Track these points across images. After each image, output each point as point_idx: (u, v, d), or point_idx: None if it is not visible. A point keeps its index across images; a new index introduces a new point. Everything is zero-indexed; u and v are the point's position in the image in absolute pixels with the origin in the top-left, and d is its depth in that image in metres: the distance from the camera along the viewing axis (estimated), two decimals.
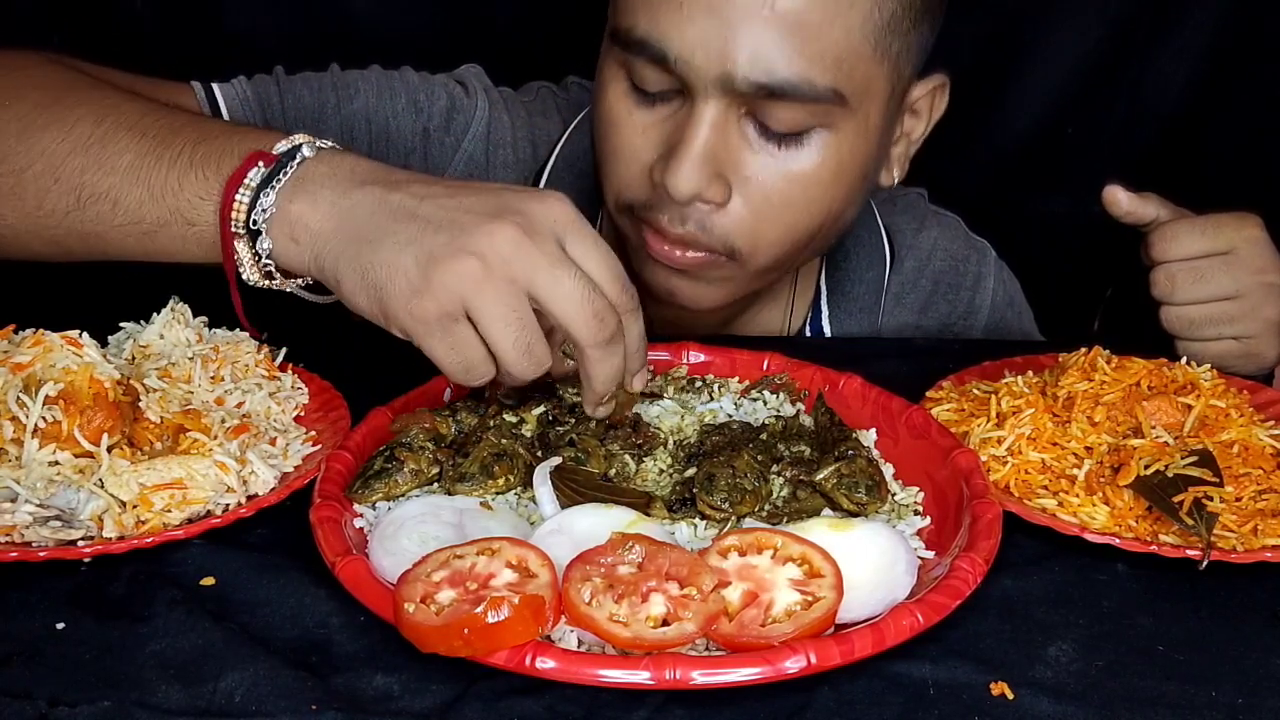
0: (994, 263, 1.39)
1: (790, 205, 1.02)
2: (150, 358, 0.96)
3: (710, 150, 0.98)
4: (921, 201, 1.39)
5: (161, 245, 0.89)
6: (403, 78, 1.24)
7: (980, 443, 0.94)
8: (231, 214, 0.84)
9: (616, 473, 0.89)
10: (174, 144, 0.88)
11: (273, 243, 0.84)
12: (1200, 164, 1.70)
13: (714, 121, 0.97)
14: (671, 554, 0.73)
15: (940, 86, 1.12)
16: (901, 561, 0.76)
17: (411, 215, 0.81)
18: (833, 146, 1.00)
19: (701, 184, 0.98)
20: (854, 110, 0.99)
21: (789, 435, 0.93)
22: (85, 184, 0.88)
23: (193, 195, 0.86)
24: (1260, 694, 0.70)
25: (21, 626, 0.72)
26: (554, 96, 1.31)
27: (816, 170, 1.00)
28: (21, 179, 0.90)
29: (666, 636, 0.68)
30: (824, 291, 1.30)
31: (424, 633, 0.67)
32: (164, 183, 0.87)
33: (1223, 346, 1.11)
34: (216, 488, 0.83)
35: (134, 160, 0.88)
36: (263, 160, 0.85)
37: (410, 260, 0.79)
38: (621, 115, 1.03)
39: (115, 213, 0.88)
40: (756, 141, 0.99)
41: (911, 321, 1.35)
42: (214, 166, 0.86)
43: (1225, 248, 1.09)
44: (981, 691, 0.69)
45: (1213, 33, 1.65)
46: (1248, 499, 0.87)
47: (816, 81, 0.95)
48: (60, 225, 0.90)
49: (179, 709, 0.65)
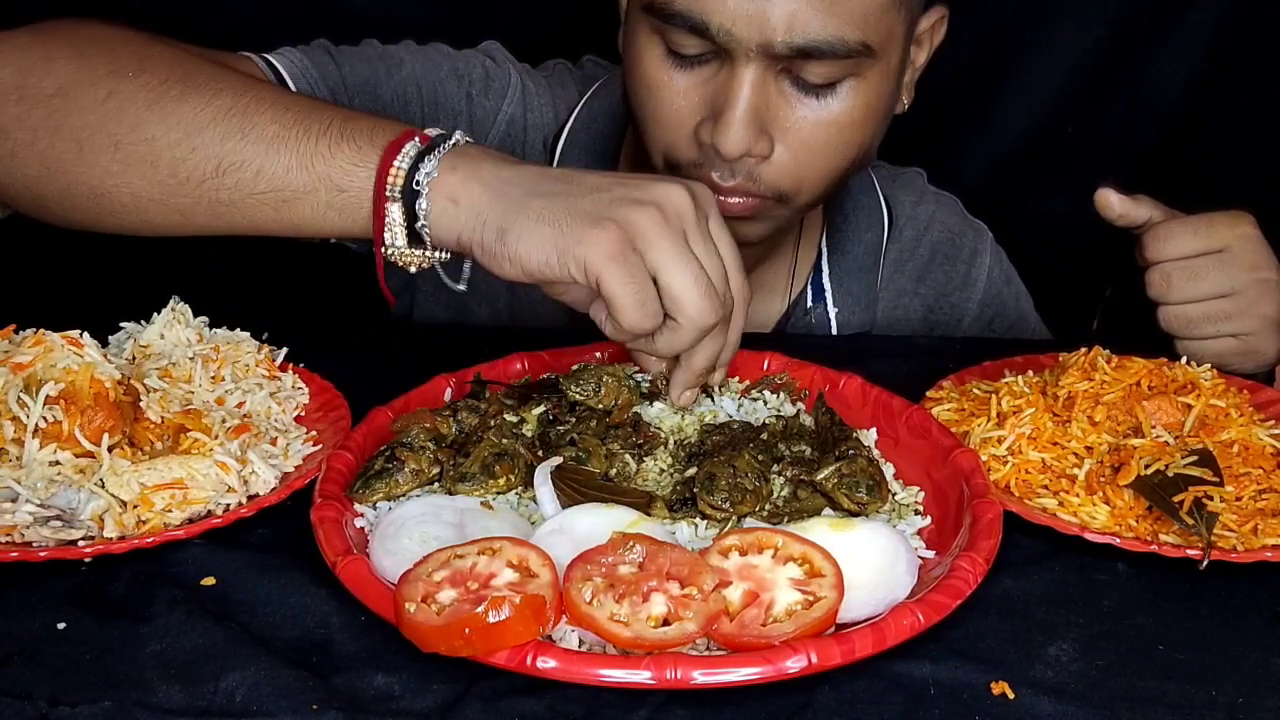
0: (991, 242, 1.43)
1: (829, 148, 1.09)
2: (151, 358, 0.96)
3: (754, 109, 1.04)
4: (920, 179, 1.44)
5: (300, 214, 0.90)
6: (437, 50, 1.29)
7: (980, 442, 0.94)
8: (389, 179, 0.87)
9: (617, 472, 0.89)
10: (320, 118, 0.90)
11: (430, 204, 0.86)
12: (1200, 164, 1.71)
13: (755, 82, 1.03)
14: (672, 554, 0.73)
15: (941, 18, 1.18)
16: (902, 561, 0.76)
17: (577, 179, 0.87)
18: (862, 92, 1.06)
19: (750, 142, 1.04)
20: (880, 57, 1.05)
21: (789, 435, 0.93)
22: (227, 152, 0.89)
23: (345, 162, 0.88)
24: (1260, 694, 0.70)
25: (22, 626, 0.72)
26: (569, 71, 1.36)
27: (849, 114, 1.07)
28: (154, 146, 0.90)
29: (667, 636, 0.68)
30: (824, 252, 1.34)
31: (425, 632, 0.67)
32: (314, 150, 0.88)
33: (1221, 344, 1.11)
34: (217, 487, 0.83)
35: (280, 131, 0.89)
36: (419, 138, 0.88)
37: (589, 204, 0.84)
38: (661, 80, 1.08)
39: (257, 180, 0.89)
40: (794, 96, 1.05)
41: (909, 288, 1.39)
42: (367, 138, 0.89)
43: (1219, 246, 1.10)
44: (982, 691, 0.69)
45: (1213, 33, 1.65)
46: (1248, 498, 0.87)
47: (848, 38, 1.01)
48: (193, 194, 0.91)
49: (179, 709, 0.65)
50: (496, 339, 1.10)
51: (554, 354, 1.06)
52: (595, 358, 1.06)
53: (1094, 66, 1.68)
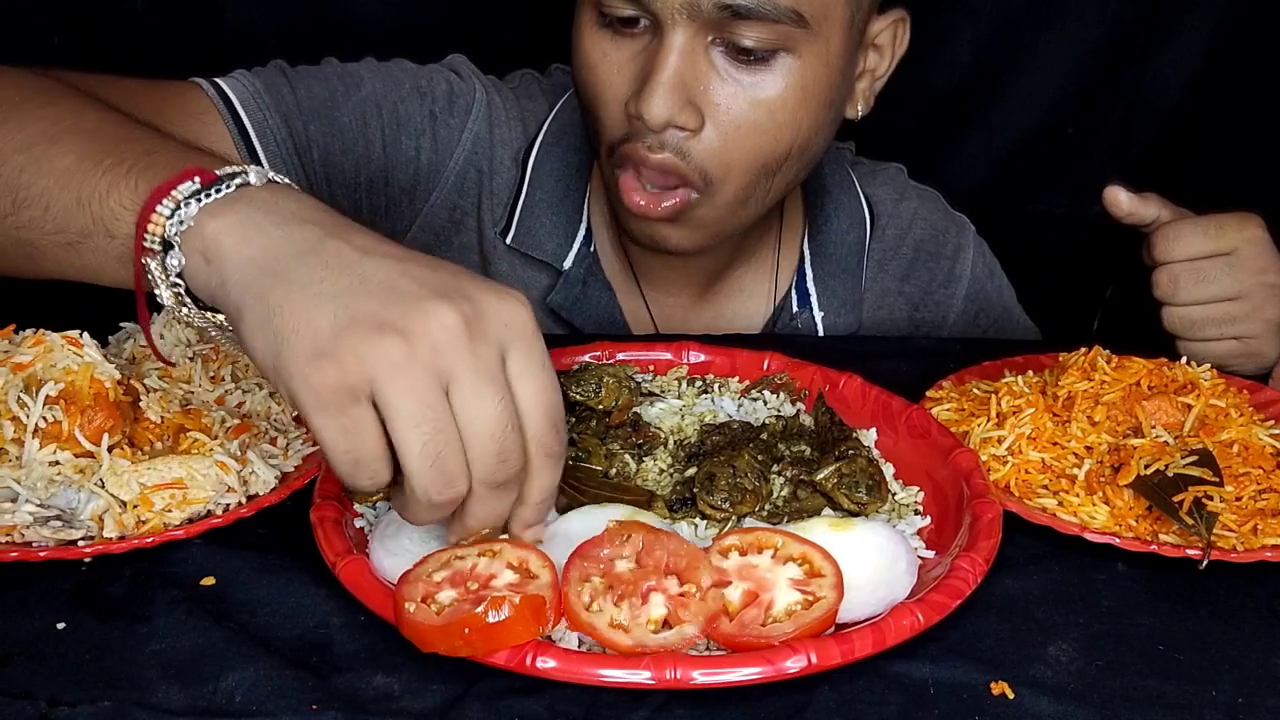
0: (973, 236, 1.42)
1: (759, 129, 1.06)
2: (150, 357, 0.96)
3: (680, 77, 1.03)
4: (901, 175, 1.43)
5: (86, 261, 0.78)
6: (400, 66, 1.26)
7: (980, 442, 0.94)
8: (149, 225, 0.72)
9: (617, 472, 0.89)
10: (120, 151, 0.78)
11: (185, 259, 0.71)
12: (1200, 164, 1.71)
13: (682, 49, 1.02)
14: (669, 544, 0.73)
15: (900, 20, 1.16)
16: (902, 561, 0.76)
17: (346, 268, 0.67)
18: (796, 72, 1.05)
19: (674, 109, 1.03)
20: (815, 33, 1.04)
21: (789, 435, 0.93)
22: (21, 185, 0.80)
23: (117, 204, 0.75)
24: (1260, 694, 0.70)
25: (21, 626, 0.72)
26: (538, 82, 1.34)
27: (782, 95, 1.05)
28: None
29: (668, 642, 0.68)
30: (808, 256, 1.33)
31: (424, 632, 0.67)
32: (93, 189, 0.76)
33: (1224, 347, 1.11)
34: (217, 487, 0.83)
35: (74, 163, 0.78)
36: (200, 176, 0.73)
37: (326, 316, 0.65)
38: (597, 56, 1.07)
39: (46, 218, 0.79)
40: (725, 69, 1.04)
41: (894, 287, 1.38)
42: (149, 177, 0.75)
43: (1227, 248, 1.09)
44: (982, 691, 0.69)
45: (1213, 33, 1.65)
46: (1248, 498, 0.87)
47: (779, 2, 1.00)
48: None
49: (179, 709, 0.65)
50: None
51: (554, 354, 1.06)
52: (595, 358, 1.06)
53: (1094, 66, 1.69)
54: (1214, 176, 1.69)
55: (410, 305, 0.65)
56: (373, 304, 0.66)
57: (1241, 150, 1.70)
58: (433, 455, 0.65)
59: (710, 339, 1.11)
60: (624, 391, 0.93)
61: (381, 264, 0.68)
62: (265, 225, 0.70)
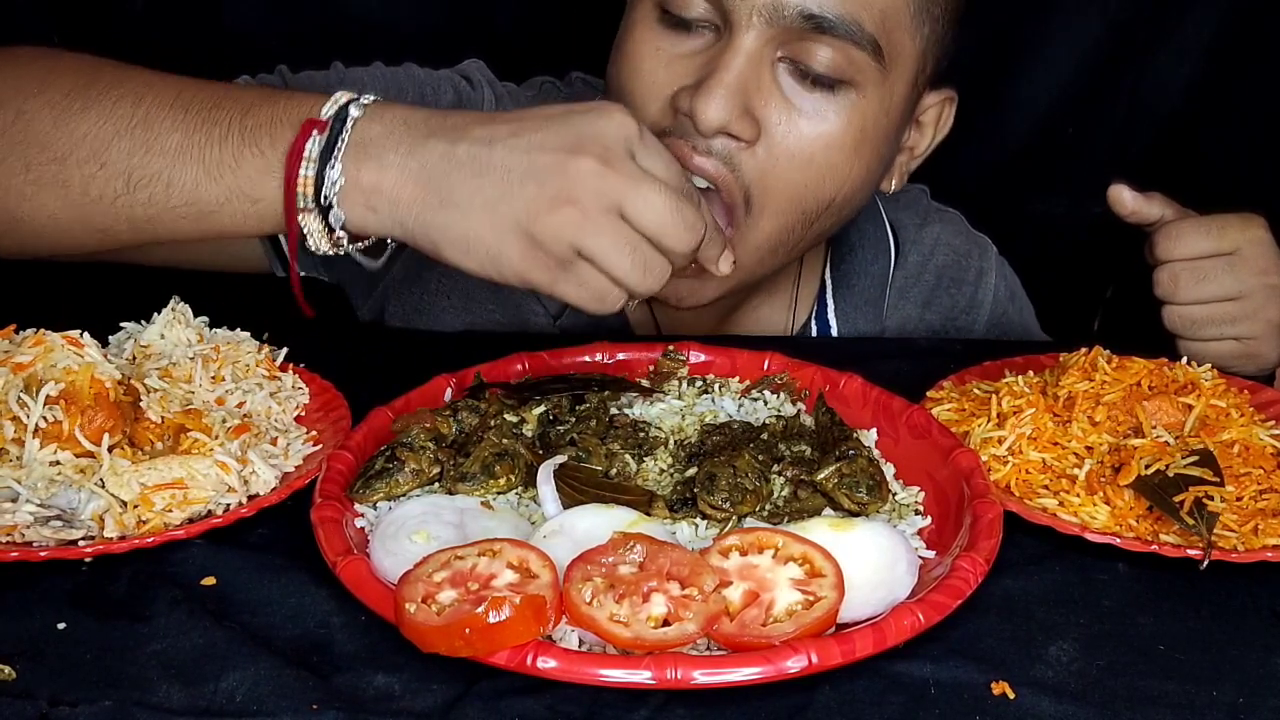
0: (995, 258, 1.40)
1: (811, 164, 1.03)
2: (151, 358, 0.96)
3: (743, 82, 0.99)
4: (924, 198, 1.41)
5: (221, 224, 0.88)
6: (407, 72, 1.24)
7: (981, 442, 0.94)
8: (298, 189, 0.84)
9: (617, 472, 0.89)
10: (219, 119, 0.86)
11: (347, 214, 0.84)
12: (1200, 164, 1.70)
13: (751, 54, 0.98)
14: (672, 554, 0.73)
15: (949, 100, 1.14)
16: (902, 561, 0.76)
17: (487, 165, 0.82)
18: (858, 110, 1.02)
19: (730, 114, 0.98)
20: (884, 74, 1.01)
21: (790, 435, 0.93)
22: (134, 167, 0.87)
23: (253, 171, 0.85)
24: (1260, 694, 0.70)
25: (21, 626, 0.72)
26: (557, 91, 1.32)
27: (840, 134, 1.02)
28: (64, 166, 0.88)
29: (667, 637, 0.68)
30: (829, 286, 1.31)
31: (425, 632, 0.67)
32: (219, 160, 0.85)
33: (1224, 347, 1.11)
34: (217, 487, 0.83)
35: (182, 140, 0.86)
36: (316, 129, 0.84)
37: (508, 222, 0.81)
38: (648, 47, 1.04)
39: (170, 194, 0.86)
40: (789, 88, 1.01)
41: (915, 315, 1.36)
42: (268, 139, 0.85)
43: (1230, 248, 1.09)
44: (982, 691, 0.69)
45: (1213, 33, 1.65)
46: (1248, 499, 0.87)
47: (864, 24, 0.97)
48: (109, 212, 0.88)
49: (179, 709, 0.65)
50: (497, 339, 1.10)
51: (554, 354, 1.06)
52: (597, 360, 1.06)
53: (1094, 66, 1.68)
54: (1214, 177, 1.69)
55: (555, 174, 0.81)
56: (530, 189, 0.81)
57: (1241, 151, 1.70)
58: (642, 266, 0.83)
59: (711, 339, 1.11)
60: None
61: (509, 147, 0.82)
62: (401, 160, 0.83)
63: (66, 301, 1.02)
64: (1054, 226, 1.76)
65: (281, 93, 0.90)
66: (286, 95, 0.88)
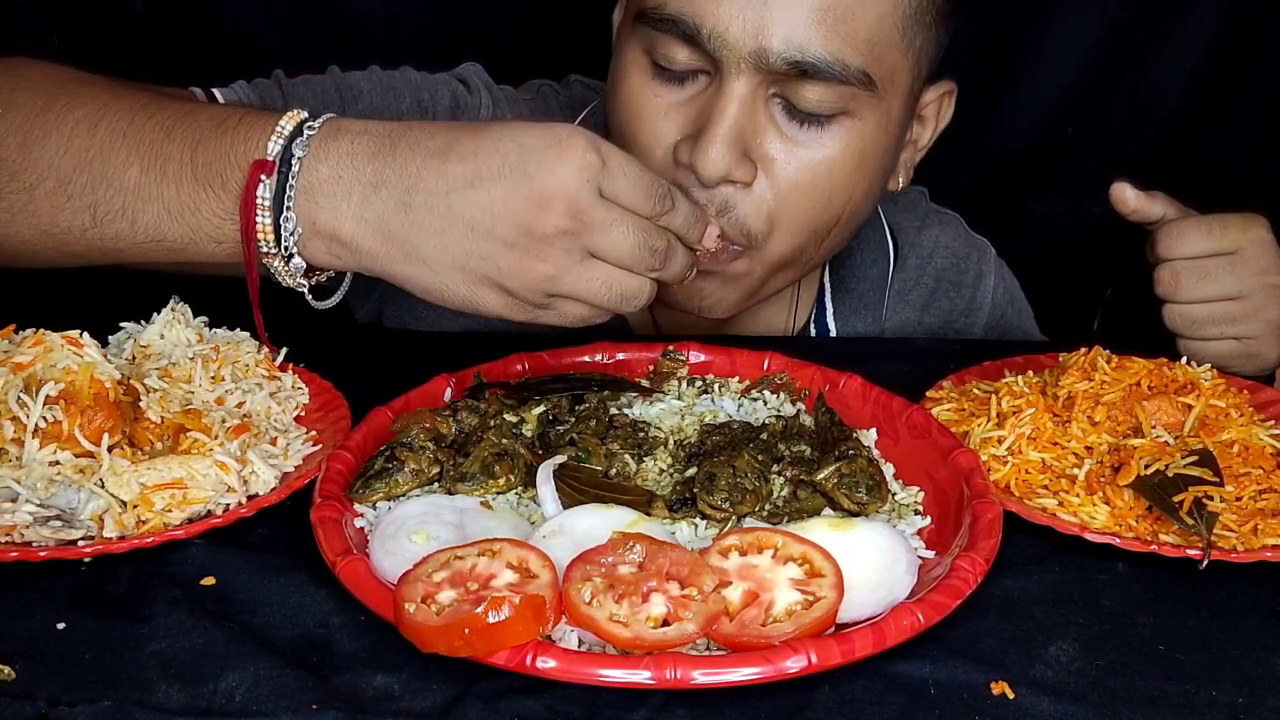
0: (994, 260, 1.40)
1: (813, 191, 1.02)
2: (151, 358, 0.96)
3: (738, 129, 0.98)
4: (923, 200, 1.40)
5: (191, 258, 0.88)
6: (404, 77, 1.24)
7: (980, 442, 0.94)
8: (258, 235, 0.84)
9: (617, 472, 0.89)
10: (172, 153, 0.85)
11: (311, 258, 0.85)
12: (1200, 164, 1.71)
13: (743, 99, 0.98)
14: (672, 554, 0.73)
15: (948, 93, 1.14)
16: (902, 561, 0.76)
17: (448, 220, 0.81)
18: (856, 134, 1.01)
19: (731, 163, 0.98)
20: (879, 99, 1.00)
21: (789, 435, 0.93)
22: (98, 201, 0.86)
23: (211, 215, 0.85)
24: (1260, 694, 0.70)
25: (21, 626, 0.72)
26: (555, 94, 1.31)
27: (841, 157, 1.02)
28: (34, 196, 0.87)
29: (667, 637, 0.68)
30: (828, 289, 1.31)
31: (425, 632, 0.67)
32: (178, 200, 0.85)
33: (1224, 346, 1.11)
34: (217, 487, 0.83)
35: (139, 175, 0.86)
36: (264, 172, 0.83)
37: (479, 277, 0.82)
38: (646, 98, 1.03)
39: (135, 231, 0.87)
40: (784, 124, 1.00)
41: (914, 318, 1.36)
42: (220, 181, 0.84)
43: (1231, 248, 1.09)
44: (982, 691, 0.69)
45: (1213, 33, 1.65)
46: (1248, 499, 0.87)
47: (849, 62, 0.96)
48: (80, 242, 0.88)
49: (179, 709, 0.65)
50: (496, 339, 1.10)
51: (554, 354, 1.06)
52: (596, 360, 1.06)
53: (1094, 66, 1.68)
54: (1214, 177, 1.69)
55: (524, 235, 0.81)
56: (498, 248, 0.81)
57: (1241, 150, 1.70)
58: (618, 298, 0.85)
59: (711, 339, 1.11)
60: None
61: (470, 203, 0.81)
62: (356, 211, 0.82)
63: (66, 301, 1.02)
64: (1054, 226, 1.76)
65: (232, 117, 0.87)
66: (235, 122, 0.86)
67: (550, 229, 0.81)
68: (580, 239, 0.82)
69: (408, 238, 0.82)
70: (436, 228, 0.81)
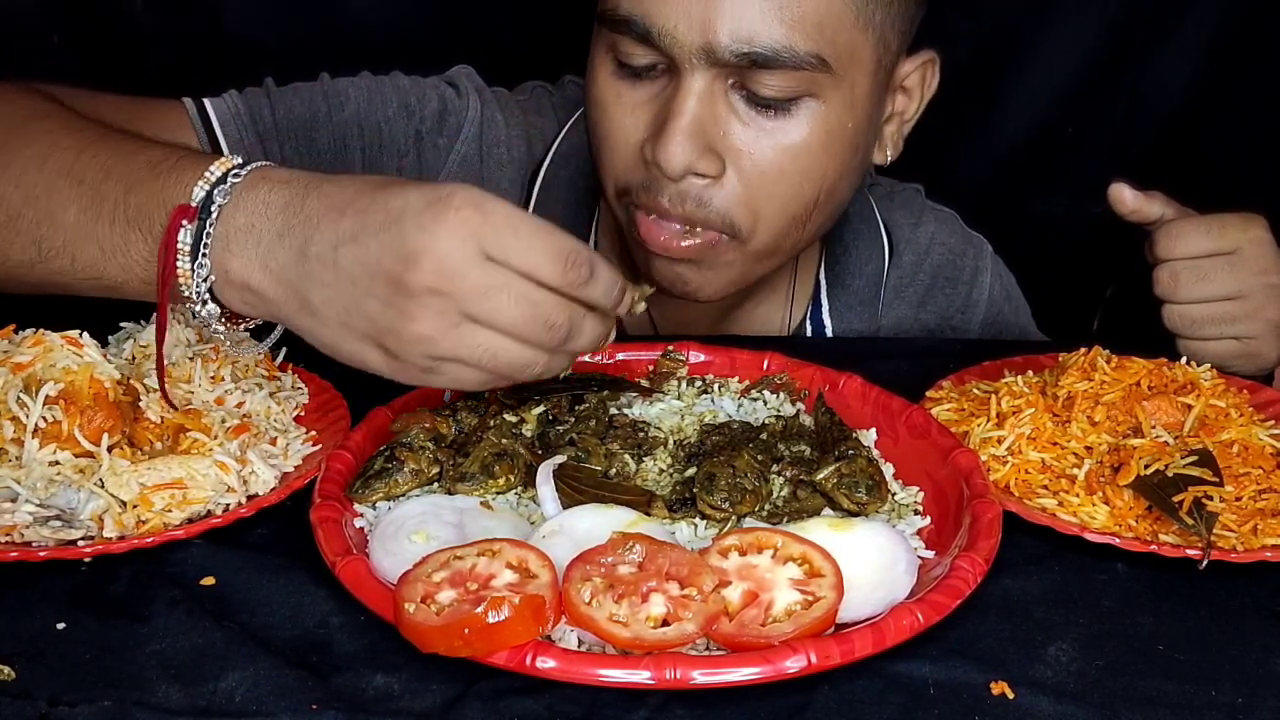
0: (990, 257, 1.40)
1: (784, 176, 1.03)
2: (150, 357, 0.96)
3: (699, 122, 0.99)
4: (919, 197, 1.40)
5: (130, 295, 0.88)
6: (393, 82, 1.24)
7: (980, 442, 0.94)
8: (179, 279, 0.82)
9: (617, 472, 0.89)
10: (107, 193, 0.85)
11: (229, 303, 0.83)
12: (1200, 164, 1.71)
13: (700, 93, 0.99)
14: (672, 554, 0.73)
15: (930, 62, 1.13)
16: (902, 561, 0.76)
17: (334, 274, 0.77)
18: (821, 116, 1.02)
19: (692, 156, 0.99)
20: (840, 78, 1.00)
21: (789, 435, 0.93)
22: (43, 238, 0.87)
23: (139, 257, 0.84)
24: (1260, 694, 0.70)
25: (21, 626, 0.72)
26: (549, 95, 1.32)
27: (806, 140, 1.02)
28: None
29: (666, 637, 0.68)
30: (824, 285, 1.31)
31: (424, 633, 0.67)
32: (111, 240, 0.85)
33: (1224, 346, 1.11)
34: (217, 487, 0.83)
35: (78, 215, 0.85)
36: (185, 218, 0.81)
37: (360, 335, 0.78)
38: (610, 97, 1.04)
39: (75, 268, 0.87)
40: (745, 113, 1.01)
41: (910, 315, 1.36)
42: (147, 223, 0.83)
43: (1230, 248, 1.09)
44: (982, 691, 0.69)
45: (1213, 33, 1.65)
46: (1248, 499, 0.87)
47: (798, 48, 0.96)
48: (31, 275, 0.89)
49: (179, 709, 0.65)
50: None
51: None
52: (596, 359, 1.06)
53: (1094, 66, 1.68)
54: (1214, 177, 1.69)
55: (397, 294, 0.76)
56: (374, 307, 0.77)
57: (1241, 150, 1.70)
58: (505, 366, 0.78)
59: (710, 339, 1.11)
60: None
61: (354, 259, 0.77)
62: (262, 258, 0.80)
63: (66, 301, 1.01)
64: (1054, 226, 1.76)
65: (169, 159, 0.86)
66: (171, 165, 0.85)
67: (418, 288, 0.75)
68: (454, 301, 0.76)
69: (301, 288, 0.79)
70: (325, 280, 0.78)
